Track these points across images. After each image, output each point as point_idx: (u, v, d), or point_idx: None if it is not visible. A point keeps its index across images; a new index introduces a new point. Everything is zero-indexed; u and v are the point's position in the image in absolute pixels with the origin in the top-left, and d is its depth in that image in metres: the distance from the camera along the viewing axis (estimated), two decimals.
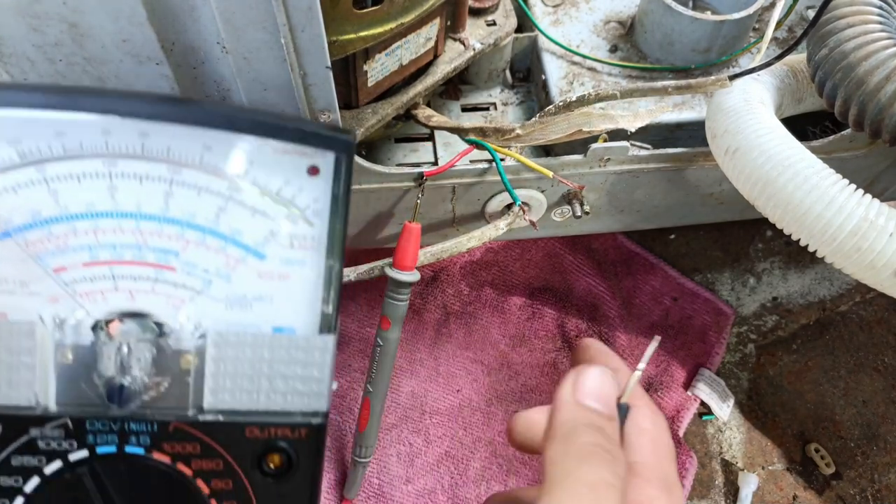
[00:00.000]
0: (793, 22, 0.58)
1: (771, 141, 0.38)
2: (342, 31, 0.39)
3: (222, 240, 0.29)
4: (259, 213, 0.30)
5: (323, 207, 0.30)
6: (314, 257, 0.30)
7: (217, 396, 0.30)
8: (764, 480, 0.60)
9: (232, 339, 0.30)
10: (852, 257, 0.36)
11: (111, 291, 0.29)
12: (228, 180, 0.29)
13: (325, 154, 0.29)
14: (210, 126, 0.28)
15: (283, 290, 0.30)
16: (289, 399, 0.31)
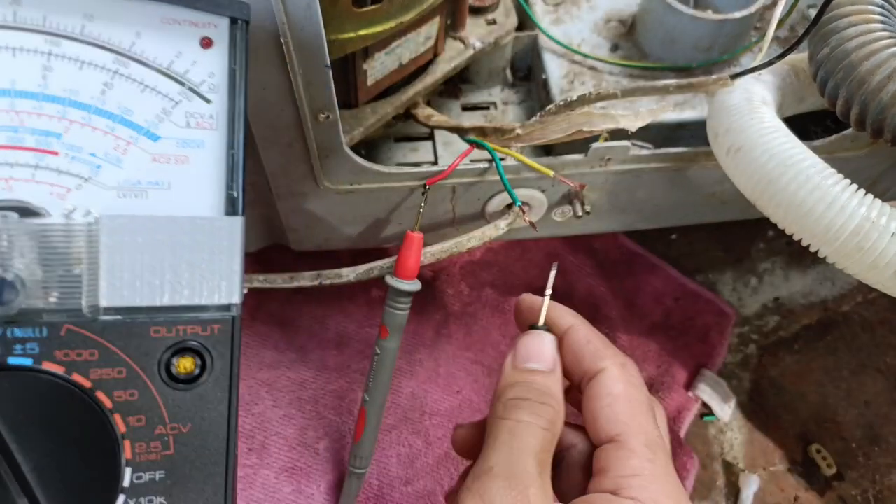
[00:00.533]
0: (794, 21, 0.57)
1: (773, 140, 0.38)
2: (341, 30, 0.39)
3: (110, 119, 0.27)
4: (150, 89, 0.27)
5: (220, 83, 0.28)
6: (214, 137, 0.28)
7: (115, 292, 0.27)
8: (765, 481, 0.60)
9: (127, 225, 0.27)
10: (854, 257, 0.36)
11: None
12: (114, 52, 0.26)
13: (219, 23, 0.27)
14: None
15: (181, 174, 0.28)
16: (196, 291, 0.28)
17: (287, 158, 0.41)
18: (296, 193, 0.45)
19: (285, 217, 0.48)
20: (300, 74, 0.35)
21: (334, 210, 0.48)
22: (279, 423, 0.56)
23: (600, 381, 0.29)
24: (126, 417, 0.27)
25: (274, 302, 0.61)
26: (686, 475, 0.60)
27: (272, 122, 0.38)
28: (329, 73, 0.36)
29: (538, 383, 0.30)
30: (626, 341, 0.64)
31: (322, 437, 0.56)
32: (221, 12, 0.27)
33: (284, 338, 0.60)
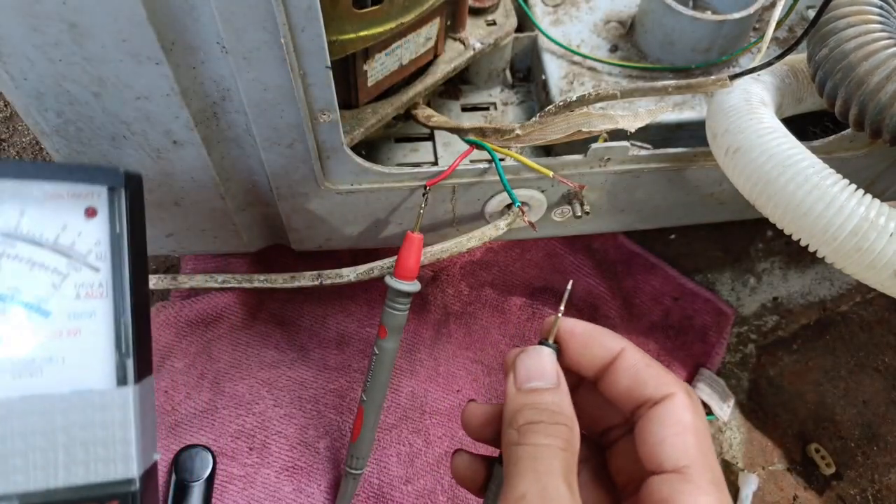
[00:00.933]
0: (793, 22, 0.58)
1: (771, 141, 0.38)
2: (342, 31, 0.39)
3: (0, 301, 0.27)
4: (37, 266, 0.27)
5: (105, 250, 0.28)
6: (105, 305, 0.28)
7: (7, 478, 0.26)
8: (764, 481, 0.60)
9: (17, 409, 0.26)
10: (853, 257, 0.36)
11: None
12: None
13: (100, 191, 0.28)
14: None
15: (74, 347, 0.27)
16: (91, 469, 0.27)
17: (288, 159, 0.42)
18: (296, 194, 0.46)
19: (286, 217, 0.49)
20: (301, 75, 0.35)
21: (335, 210, 0.48)
22: (280, 423, 0.56)
23: (669, 407, 0.28)
24: None
25: (275, 301, 0.61)
26: None
27: (273, 122, 0.38)
28: (330, 74, 0.36)
29: (547, 403, 0.28)
30: None
31: (323, 436, 0.56)
32: (99, 182, 0.28)
33: (285, 337, 0.60)
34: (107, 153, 0.39)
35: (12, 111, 0.73)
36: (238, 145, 0.41)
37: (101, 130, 0.37)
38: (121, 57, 0.32)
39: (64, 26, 0.30)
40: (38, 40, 0.31)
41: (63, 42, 0.31)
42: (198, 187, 0.43)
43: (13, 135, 0.71)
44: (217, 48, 0.33)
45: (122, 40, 0.31)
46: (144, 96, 0.35)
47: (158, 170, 0.41)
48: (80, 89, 0.34)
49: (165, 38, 0.32)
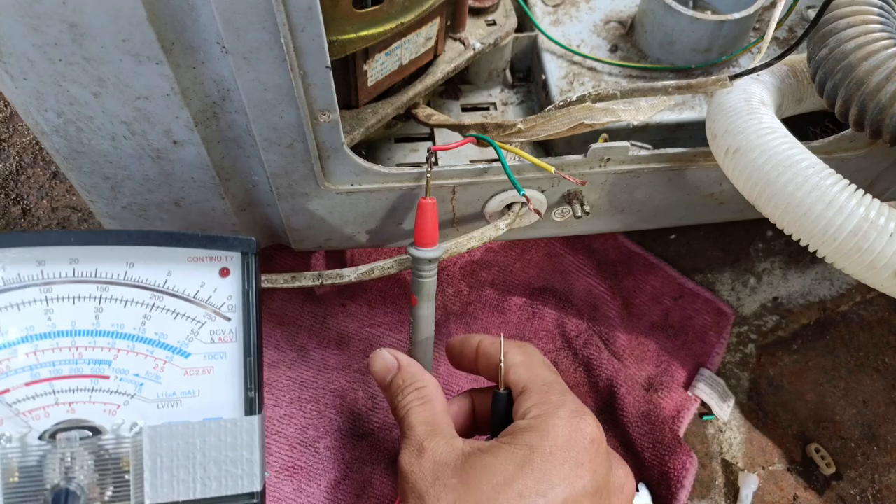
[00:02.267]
0: (793, 22, 0.58)
1: (771, 141, 0.38)
2: (342, 31, 0.39)
3: (150, 344, 0.33)
4: (181, 316, 0.33)
5: (237, 302, 0.34)
6: (233, 348, 0.34)
7: (156, 490, 0.32)
8: (764, 481, 0.60)
9: (165, 433, 0.33)
10: (853, 257, 0.36)
11: (52, 406, 0.32)
12: (151, 290, 0.33)
13: (233, 256, 0.34)
14: (131, 244, 0.32)
15: (208, 383, 0.34)
16: (223, 483, 0.33)
17: (288, 159, 0.42)
18: (297, 194, 0.46)
19: (286, 217, 0.49)
20: (301, 75, 0.35)
21: (335, 210, 0.48)
22: (280, 423, 0.56)
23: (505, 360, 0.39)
24: None
25: (275, 301, 0.61)
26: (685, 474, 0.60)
27: (273, 122, 0.38)
28: (330, 74, 0.36)
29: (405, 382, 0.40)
30: (625, 341, 0.65)
31: (323, 436, 0.56)
32: (235, 249, 0.34)
33: (285, 337, 0.60)
34: (107, 153, 0.39)
35: (12, 111, 0.73)
36: (238, 145, 0.41)
37: (101, 130, 0.37)
38: (121, 57, 0.32)
39: (64, 26, 0.30)
40: (37, 40, 0.31)
41: (63, 42, 0.31)
42: (198, 187, 0.43)
43: (13, 135, 0.71)
44: (217, 48, 0.33)
45: (122, 40, 0.31)
46: (144, 96, 0.35)
47: (158, 170, 0.41)
48: (80, 89, 0.34)
49: (165, 38, 0.32)
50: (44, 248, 0.31)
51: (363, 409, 0.58)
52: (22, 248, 0.31)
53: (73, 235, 0.32)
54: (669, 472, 0.56)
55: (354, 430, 0.57)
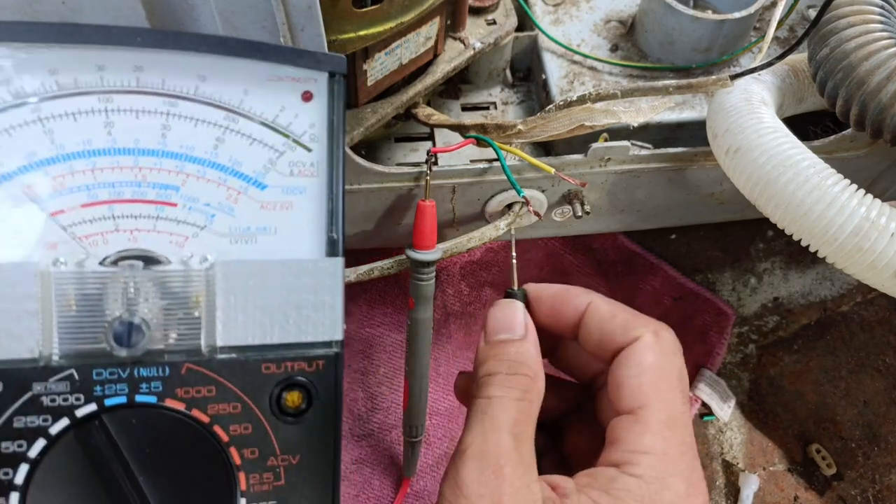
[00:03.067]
0: (794, 21, 0.58)
1: (772, 141, 0.38)
2: (341, 31, 0.39)
3: (222, 171, 0.29)
4: (257, 142, 0.30)
5: (320, 132, 0.30)
6: (315, 184, 0.30)
7: (230, 332, 0.29)
8: (765, 481, 0.60)
9: (241, 269, 0.29)
10: (853, 257, 0.36)
11: (112, 233, 0.28)
12: (225, 110, 0.29)
13: (318, 77, 0.30)
14: (204, 51, 0.28)
15: (286, 220, 0.30)
16: (303, 329, 0.30)
17: None
18: None
19: None
20: None
21: None
22: None
23: (632, 350, 0.28)
24: (241, 450, 0.29)
25: None
26: None
27: None
28: None
29: (509, 354, 0.29)
30: None
31: None
32: (322, 68, 0.30)
33: None
34: None
35: None
36: None
37: None
38: None
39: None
40: None
41: None
42: None
43: None
44: None
45: None
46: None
47: None
48: None
49: None
50: (104, 50, 0.27)
51: (363, 409, 0.58)
52: (79, 48, 0.27)
53: (140, 35, 0.27)
54: None
55: (354, 431, 0.57)
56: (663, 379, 0.28)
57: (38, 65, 0.27)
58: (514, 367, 0.29)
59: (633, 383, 0.28)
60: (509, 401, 0.28)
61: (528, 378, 0.29)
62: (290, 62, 0.29)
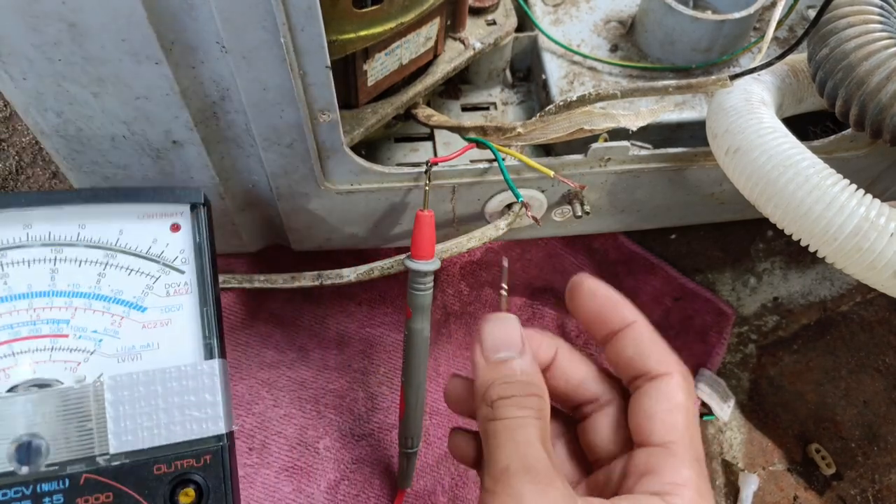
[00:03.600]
0: (794, 21, 0.58)
1: (772, 141, 0.38)
2: (342, 31, 0.39)
3: (106, 301, 0.33)
4: (135, 272, 0.34)
5: (189, 255, 0.34)
6: (189, 300, 0.34)
7: (120, 439, 0.32)
8: (765, 481, 0.60)
9: (126, 381, 0.32)
10: (853, 257, 0.36)
11: (13, 368, 0.32)
12: (104, 249, 0.33)
13: (183, 210, 0.35)
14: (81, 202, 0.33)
15: (166, 334, 0.34)
16: (188, 427, 0.33)
17: (287, 159, 0.42)
18: (296, 194, 0.45)
19: (286, 217, 0.49)
20: (301, 75, 0.35)
21: (335, 210, 0.48)
22: (279, 423, 0.56)
23: (665, 384, 0.29)
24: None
25: (275, 301, 0.61)
26: None
27: (273, 122, 0.38)
28: (329, 74, 0.36)
29: (516, 374, 0.29)
30: None
31: (322, 436, 0.56)
32: (183, 201, 0.35)
33: (285, 337, 0.60)
34: (106, 153, 0.39)
35: (12, 111, 0.73)
36: (238, 145, 0.41)
37: (100, 130, 0.37)
38: (120, 57, 0.32)
39: (63, 26, 0.30)
40: (37, 40, 0.31)
41: (62, 42, 0.31)
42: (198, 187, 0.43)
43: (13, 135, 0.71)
44: (217, 48, 0.33)
45: (121, 40, 0.31)
46: (144, 96, 0.35)
47: (158, 170, 0.41)
48: (79, 89, 0.34)
49: (165, 38, 0.32)
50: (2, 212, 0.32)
51: (363, 410, 0.58)
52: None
53: (24, 197, 0.32)
54: None
55: (354, 431, 0.57)
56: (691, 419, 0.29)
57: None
58: (525, 389, 0.29)
59: (668, 418, 0.28)
60: (532, 419, 0.28)
61: (539, 397, 0.29)
62: (154, 201, 0.34)
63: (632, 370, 0.30)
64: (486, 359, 0.30)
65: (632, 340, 0.31)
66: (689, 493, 0.27)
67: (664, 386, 0.29)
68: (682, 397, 0.29)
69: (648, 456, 0.28)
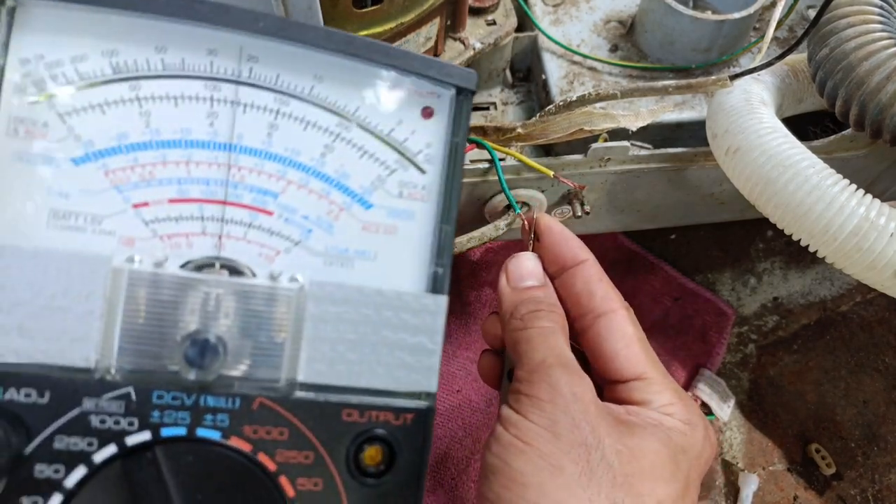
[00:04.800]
0: (793, 21, 0.58)
1: (772, 141, 0.38)
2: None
3: (327, 183, 0.26)
4: (368, 156, 0.26)
5: (436, 154, 0.27)
6: (424, 210, 0.27)
7: (313, 367, 0.25)
8: (764, 481, 0.60)
9: (334, 294, 0.25)
10: (853, 257, 0.36)
11: (198, 236, 0.25)
12: (339, 116, 0.26)
13: (442, 93, 0.27)
14: (325, 48, 0.25)
15: (388, 245, 0.27)
16: (394, 375, 0.26)
17: None
18: None
19: None
20: None
21: None
22: None
23: (613, 321, 0.32)
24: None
25: None
26: None
27: None
28: None
29: (540, 296, 0.32)
30: None
31: None
32: (449, 82, 0.27)
33: None
34: None
35: None
36: None
37: None
38: None
39: None
40: None
41: None
42: None
43: None
44: None
45: None
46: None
47: None
48: None
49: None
50: (218, 31, 0.24)
51: None
52: (192, 25, 0.24)
53: (262, 20, 0.24)
54: None
55: None
56: (646, 346, 0.33)
57: (145, 38, 0.24)
58: (551, 307, 0.32)
59: (629, 353, 0.32)
60: (559, 328, 0.31)
61: (561, 316, 0.32)
62: (417, 72, 0.26)
63: (579, 305, 0.33)
64: (513, 286, 0.33)
65: (581, 277, 0.34)
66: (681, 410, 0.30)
67: (613, 323, 0.32)
68: (632, 329, 0.32)
69: (632, 390, 0.31)
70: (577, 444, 0.26)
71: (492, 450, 0.27)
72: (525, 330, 0.31)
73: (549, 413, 0.27)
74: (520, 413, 0.27)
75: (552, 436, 0.26)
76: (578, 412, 0.27)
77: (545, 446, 0.26)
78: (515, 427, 0.27)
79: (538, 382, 0.28)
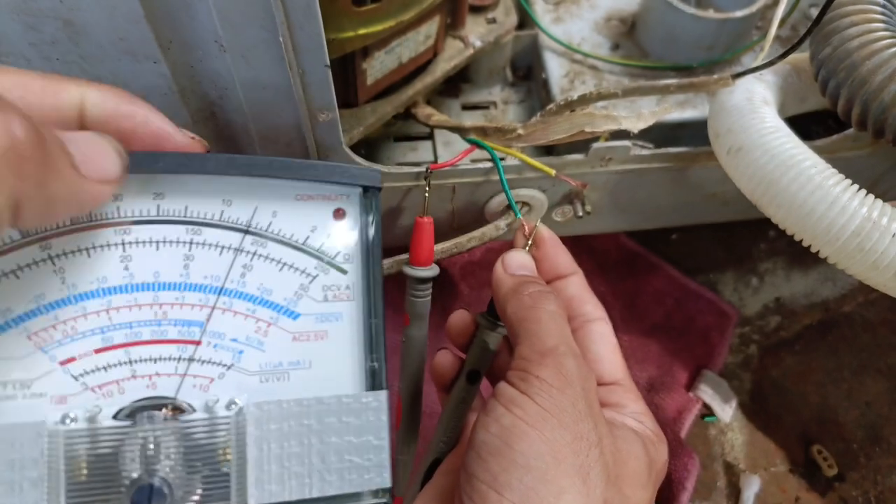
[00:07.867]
0: (796, 20, 0.57)
1: (774, 140, 0.37)
2: (341, 29, 0.39)
3: (251, 302, 0.26)
4: (287, 267, 0.27)
5: (354, 252, 0.28)
6: (351, 308, 0.27)
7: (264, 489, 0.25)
8: (766, 482, 0.60)
9: (275, 412, 0.25)
10: (855, 258, 0.36)
11: (128, 380, 0.25)
12: (252, 234, 0.26)
13: (350, 192, 0.27)
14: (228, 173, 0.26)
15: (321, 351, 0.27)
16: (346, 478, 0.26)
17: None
18: None
19: None
20: (299, 74, 0.35)
21: None
22: None
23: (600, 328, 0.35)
24: None
25: None
26: (687, 476, 0.59)
27: (271, 122, 0.38)
28: (328, 73, 0.36)
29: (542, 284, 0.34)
30: (626, 342, 0.64)
31: None
32: (355, 183, 0.28)
33: None
34: None
35: None
36: (235, 144, 0.41)
37: None
38: (118, 55, 0.32)
39: (60, 24, 0.30)
40: (34, 38, 0.31)
41: (60, 40, 0.31)
42: None
43: None
44: (215, 46, 0.33)
45: (119, 38, 0.31)
46: (142, 96, 0.35)
47: None
48: None
49: (163, 37, 0.32)
50: None
51: None
52: None
53: (161, 159, 0.25)
54: (671, 473, 0.56)
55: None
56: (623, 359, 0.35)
57: None
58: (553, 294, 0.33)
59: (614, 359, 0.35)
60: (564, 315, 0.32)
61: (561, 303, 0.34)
62: (322, 180, 0.27)
63: (570, 308, 0.36)
64: (511, 274, 0.36)
65: (574, 285, 0.37)
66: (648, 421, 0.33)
67: (601, 329, 0.35)
68: (614, 339, 0.35)
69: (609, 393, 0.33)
70: (579, 436, 0.26)
71: (490, 429, 0.26)
72: (534, 308, 0.31)
73: (558, 400, 0.27)
74: (526, 394, 0.27)
75: (558, 423, 0.26)
76: (585, 407, 0.27)
77: (550, 432, 0.26)
78: (521, 409, 0.26)
79: (550, 367, 0.28)
